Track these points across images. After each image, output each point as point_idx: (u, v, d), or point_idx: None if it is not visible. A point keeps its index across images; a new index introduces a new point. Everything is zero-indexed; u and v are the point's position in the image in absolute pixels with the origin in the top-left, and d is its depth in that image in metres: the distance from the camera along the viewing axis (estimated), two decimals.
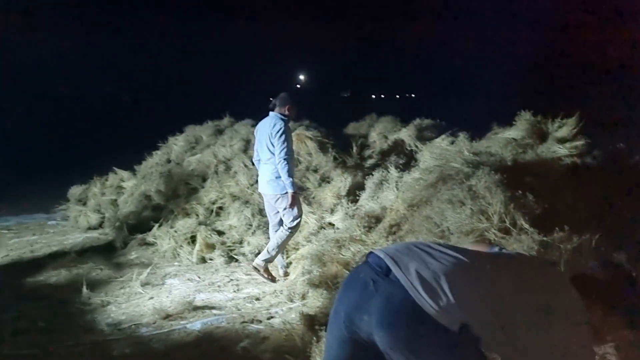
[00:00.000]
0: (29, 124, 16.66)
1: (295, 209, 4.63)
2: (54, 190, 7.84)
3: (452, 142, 5.07)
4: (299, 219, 4.69)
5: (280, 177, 4.52)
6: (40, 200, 8.09)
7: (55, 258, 5.65)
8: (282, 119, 4.56)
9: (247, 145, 6.71)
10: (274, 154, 4.52)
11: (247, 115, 7.68)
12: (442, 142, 5.34)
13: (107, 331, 3.81)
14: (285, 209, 4.61)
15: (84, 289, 4.52)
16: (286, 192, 4.54)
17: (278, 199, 4.62)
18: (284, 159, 4.45)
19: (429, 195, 3.67)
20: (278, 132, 4.47)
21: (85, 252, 5.88)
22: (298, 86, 46.20)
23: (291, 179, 4.50)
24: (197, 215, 5.98)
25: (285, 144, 4.47)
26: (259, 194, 5.24)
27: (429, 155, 4.45)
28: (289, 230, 4.64)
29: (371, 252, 1.74)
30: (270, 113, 4.66)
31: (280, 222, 4.79)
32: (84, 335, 3.75)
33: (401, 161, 5.82)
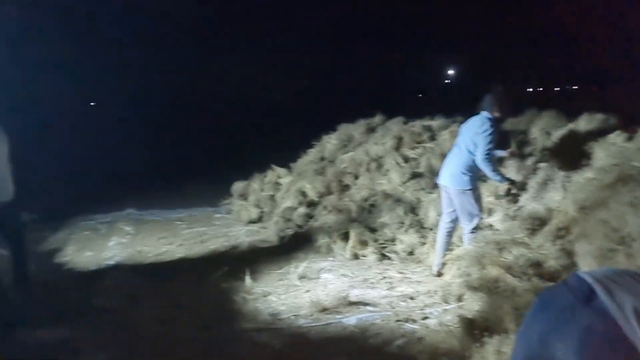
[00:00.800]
0: (197, 128, 18.29)
1: (473, 208, 4.54)
2: (220, 185, 8.49)
3: (630, 139, 4.56)
4: (478, 218, 4.59)
5: (465, 173, 4.48)
6: (207, 196, 8.82)
7: (222, 248, 6.14)
8: (489, 120, 4.49)
9: (399, 143, 6.67)
10: (470, 152, 4.48)
11: (398, 113, 7.63)
12: (616, 138, 4.83)
13: (269, 320, 4.04)
14: (461, 206, 4.55)
15: (247, 279, 4.81)
16: (467, 189, 4.48)
17: (459, 193, 4.55)
18: (486, 159, 4.39)
19: (605, 197, 3.34)
20: (484, 132, 4.41)
21: (247, 244, 6.30)
22: (447, 81, 44.97)
23: (499, 176, 4.52)
24: (350, 212, 6.09)
25: (489, 145, 4.40)
26: (438, 187, 5.09)
27: (603, 154, 4.05)
28: (473, 233, 4.53)
29: (574, 274, 1.60)
30: (482, 113, 4.61)
31: (454, 221, 4.74)
32: (248, 322, 4.02)
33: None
